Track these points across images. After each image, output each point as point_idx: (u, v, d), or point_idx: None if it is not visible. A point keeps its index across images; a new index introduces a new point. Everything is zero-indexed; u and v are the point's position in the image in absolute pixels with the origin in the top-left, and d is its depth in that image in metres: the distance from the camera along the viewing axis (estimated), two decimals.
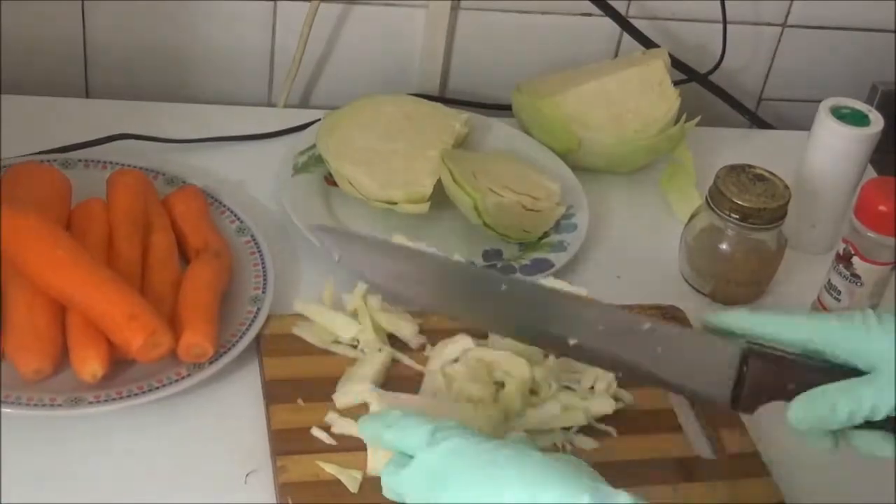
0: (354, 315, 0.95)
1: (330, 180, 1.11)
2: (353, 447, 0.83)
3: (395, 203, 1.06)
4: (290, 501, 0.81)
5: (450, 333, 0.93)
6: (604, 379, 0.92)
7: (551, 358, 0.93)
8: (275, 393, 0.89)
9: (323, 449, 0.84)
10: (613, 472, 0.85)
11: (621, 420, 0.91)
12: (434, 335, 0.94)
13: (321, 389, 0.89)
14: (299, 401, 0.88)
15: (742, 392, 0.78)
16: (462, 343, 0.92)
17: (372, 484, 0.80)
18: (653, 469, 0.88)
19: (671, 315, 1.01)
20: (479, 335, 0.94)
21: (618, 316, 0.81)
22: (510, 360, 0.91)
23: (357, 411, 0.86)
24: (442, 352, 0.92)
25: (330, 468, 0.82)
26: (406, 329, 0.95)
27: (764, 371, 0.77)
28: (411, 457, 0.72)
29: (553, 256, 1.06)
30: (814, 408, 0.76)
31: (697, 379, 0.79)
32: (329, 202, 1.10)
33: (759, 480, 0.88)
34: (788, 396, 0.77)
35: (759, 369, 0.77)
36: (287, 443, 0.85)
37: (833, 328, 0.77)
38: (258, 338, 0.93)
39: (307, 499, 0.81)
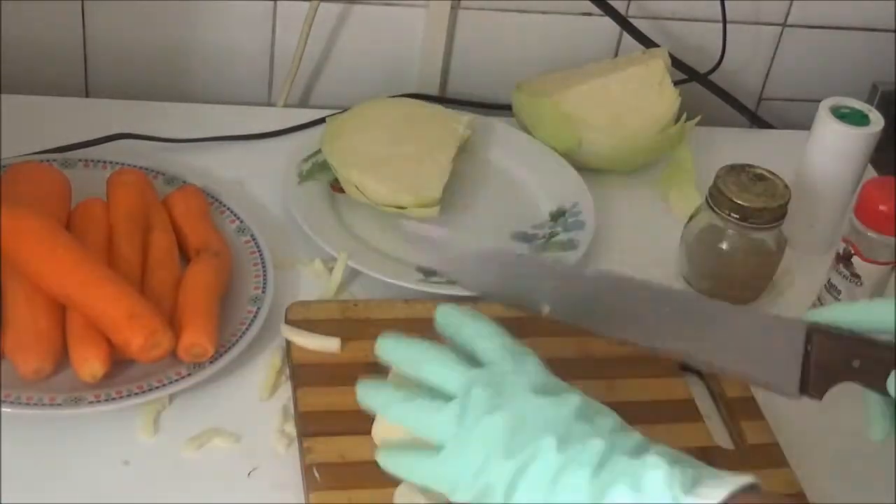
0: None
1: (336, 187, 1.10)
2: None
3: (405, 208, 1.06)
4: (315, 473, 0.82)
5: None
6: None
7: None
8: (302, 377, 0.90)
9: (349, 431, 0.85)
10: None
11: (642, 410, 0.91)
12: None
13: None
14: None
15: (809, 373, 0.77)
16: None
17: None
18: None
19: None
20: None
21: (684, 296, 0.82)
22: None
23: None
24: None
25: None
26: None
27: (829, 347, 0.77)
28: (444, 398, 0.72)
29: (565, 255, 1.06)
30: None
31: (763, 363, 0.79)
32: (336, 209, 1.09)
33: (779, 471, 0.89)
34: (855, 376, 0.77)
35: (824, 345, 0.77)
36: (314, 425, 0.86)
37: None
38: (287, 322, 0.94)
39: (333, 480, 0.82)
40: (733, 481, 0.64)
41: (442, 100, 1.27)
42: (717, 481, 0.65)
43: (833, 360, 0.77)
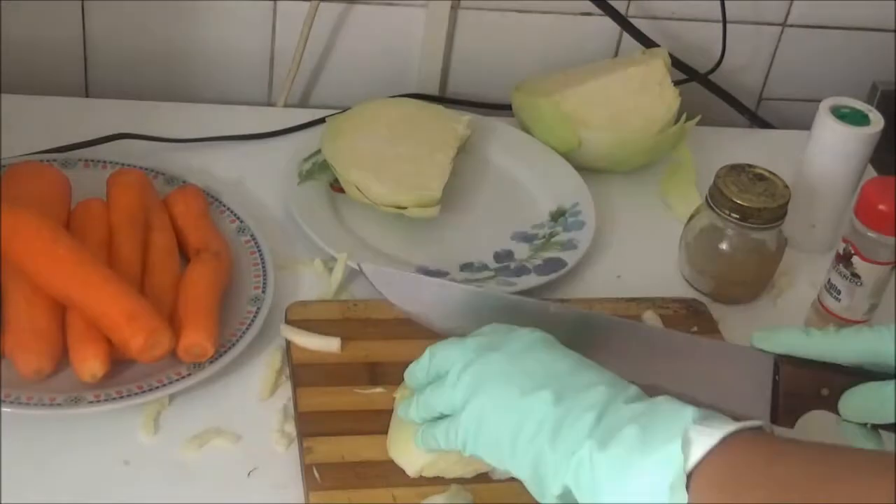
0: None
1: (336, 187, 1.10)
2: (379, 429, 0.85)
3: (405, 208, 1.05)
4: (316, 473, 0.82)
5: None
6: None
7: None
8: (302, 377, 0.90)
9: (349, 431, 0.86)
10: None
11: None
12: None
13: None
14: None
15: (779, 403, 0.77)
16: None
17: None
18: None
19: (694, 309, 1.02)
20: None
21: (651, 332, 0.83)
22: None
23: None
24: None
25: None
26: None
27: (797, 377, 0.77)
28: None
29: (565, 255, 1.06)
30: (866, 400, 0.75)
31: (733, 395, 0.79)
32: (336, 209, 1.09)
33: None
34: (824, 404, 0.77)
35: (791, 375, 0.77)
36: (314, 425, 0.86)
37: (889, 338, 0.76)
38: (287, 322, 0.94)
39: (333, 479, 0.82)
40: (742, 422, 0.65)
41: (442, 100, 1.27)
42: (724, 419, 0.65)
43: (802, 389, 0.77)
